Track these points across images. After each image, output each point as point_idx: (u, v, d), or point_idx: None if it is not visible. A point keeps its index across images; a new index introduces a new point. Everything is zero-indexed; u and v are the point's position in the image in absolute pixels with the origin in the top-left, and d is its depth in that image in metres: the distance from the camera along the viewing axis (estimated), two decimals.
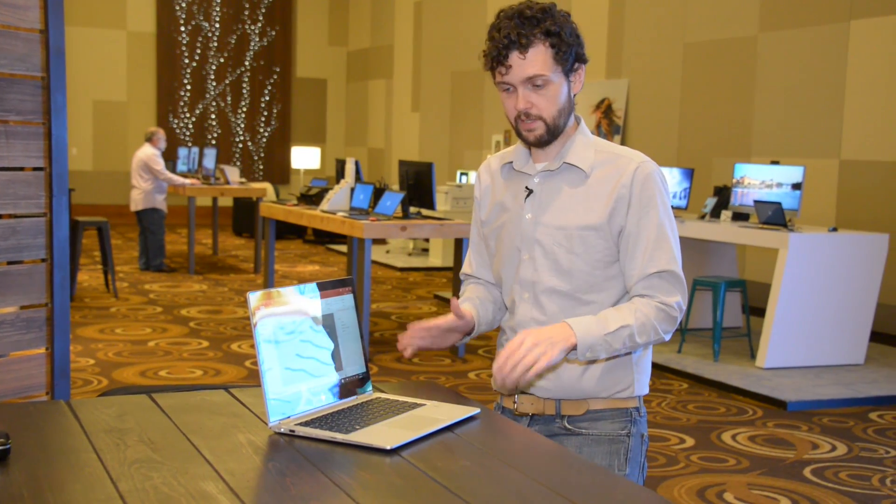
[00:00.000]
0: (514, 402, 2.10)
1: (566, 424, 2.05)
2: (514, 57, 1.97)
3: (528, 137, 2.03)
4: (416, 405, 1.84)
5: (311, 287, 1.83)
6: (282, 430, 1.67)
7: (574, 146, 2.06)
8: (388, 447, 1.59)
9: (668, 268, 2.00)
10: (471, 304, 2.16)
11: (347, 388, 1.85)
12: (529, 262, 2.08)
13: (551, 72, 1.97)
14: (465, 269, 2.30)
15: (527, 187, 2.10)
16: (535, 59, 1.96)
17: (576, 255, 2.03)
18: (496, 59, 1.99)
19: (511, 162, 2.14)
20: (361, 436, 1.63)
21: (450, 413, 1.80)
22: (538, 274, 2.07)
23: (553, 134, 2.03)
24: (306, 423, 1.68)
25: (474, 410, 1.84)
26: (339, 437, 1.62)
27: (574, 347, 1.89)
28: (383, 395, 1.90)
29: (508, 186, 2.14)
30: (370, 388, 1.92)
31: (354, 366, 1.88)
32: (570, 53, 1.99)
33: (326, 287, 1.86)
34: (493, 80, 2.04)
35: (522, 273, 2.09)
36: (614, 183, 2.01)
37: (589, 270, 2.03)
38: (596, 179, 2.03)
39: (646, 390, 2.13)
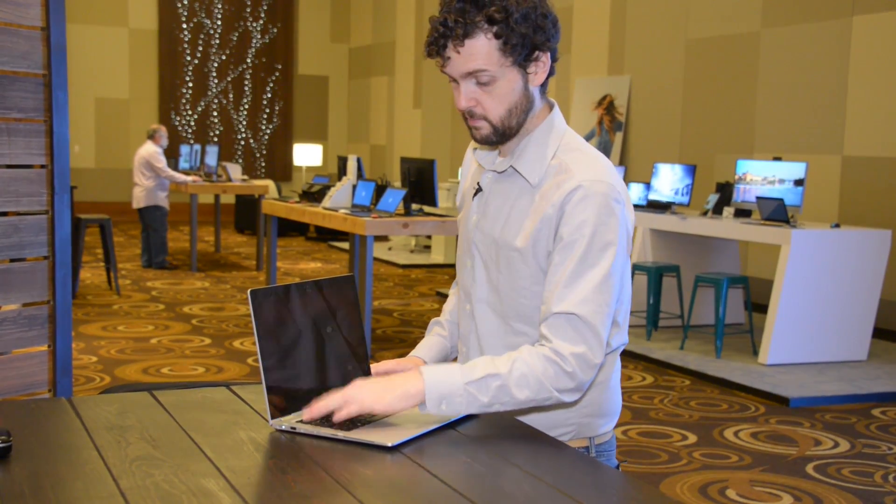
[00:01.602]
0: None
1: None
2: (451, 49, 1.69)
3: (474, 136, 1.77)
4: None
5: (313, 284, 1.83)
6: (283, 427, 1.67)
7: (528, 147, 1.78)
8: (390, 444, 1.59)
9: (575, 311, 1.66)
10: (438, 338, 1.99)
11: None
12: (470, 271, 1.87)
13: (497, 66, 1.68)
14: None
15: (478, 183, 1.87)
16: (475, 53, 1.67)
17: (501, 275, 1.79)
18: (433, 47, 1.72)
19: (477, 149, 1.90)
20: (362, 433, 1.63)
21: None
22: (476, 285, 1.85)
23: (503, 135, 1.76)
24: (307, 421, 1.68)
25: None
26: (341, 434, 1.62)
27: (422, 396, 1.65)
28: None
29: (473, 177, 1.91)
30: None
31: (356, 363, 1.88)
32: (522, 44, 1.67)
33: (328, 284, 1.85)
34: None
35: (465, 280, 1.89)
36: (548, 201, 1.73)
37: (514, 295, 1.78)
38: (540, 194, 1.75)
39: (602, 430, 1.86)
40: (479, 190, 1.86)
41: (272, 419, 1.67)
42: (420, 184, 6.59)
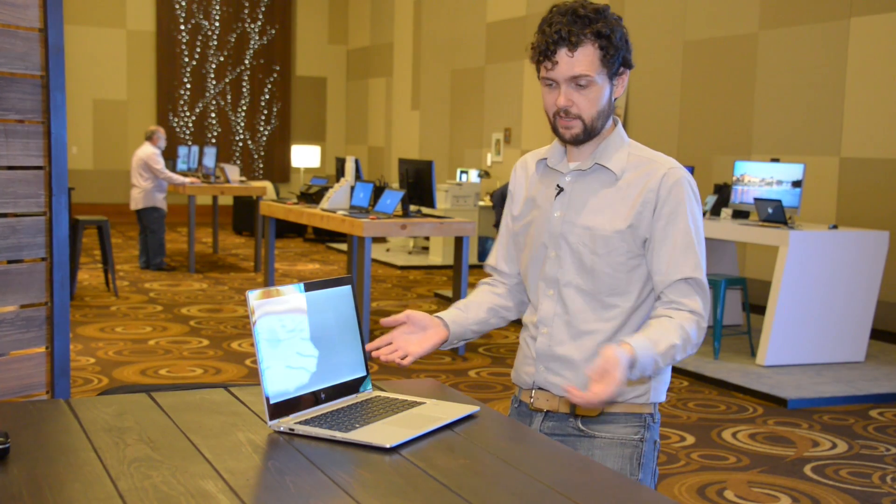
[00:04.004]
0: (531, 397, 2.11)
1: (580, 426, 2.06)
2: (563, 54, 1.97)
3: (563, 134, 2.04)
4: (415, 403, 1.84)
5: (311, 285, 1.83)
6: (281, 428, 1.67)
7: (608, 148, 2.07)
8: (388, 445, 1.59)
9: (693, 275, 2.01)
10: (455, 310, 2.17)
11: (347, 386, 1.85)
12: (555, 260, 2.09)
13: (596, 73, 1.98)
14: (490, 260, 2.31)
15: (558, 185, 2.11)
16: (583, 59, 1.97)
17: (598, 257, 2.04)
18: (544, 53, 1.99)
19: (546, 159, 2.16)
20: (361, 434, 1.63)
21: (449, 411, 1.80)
22: (563, 271, 2.08)
23: (589, 134, 2.04)
24: (306, 422, 1.68)
25: (474, 409, 1.84)
26: (339, 435, 1.62)
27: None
28: (382, 394, 1.90)
29: (541, 183, 2.16)
30: (369, 386, 1.91)
31: (354, 364, 1.88)
32: (617, 57, 1.99)
33: (326, 285, 1.85)
34: (536, 74, 2.05)
35: (548, 270, 2.10)
36: (642, 187, 2.03)
37: (611, 273, 2.04)
38: (626, 183, 2.05)
39: (662, 398, 2.13)
40: (560, 190, 2.10)
41: (270, 420, 1.67)
42: (418, 185, 6.58)
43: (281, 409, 1.69)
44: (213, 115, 15.53)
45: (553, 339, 2.10)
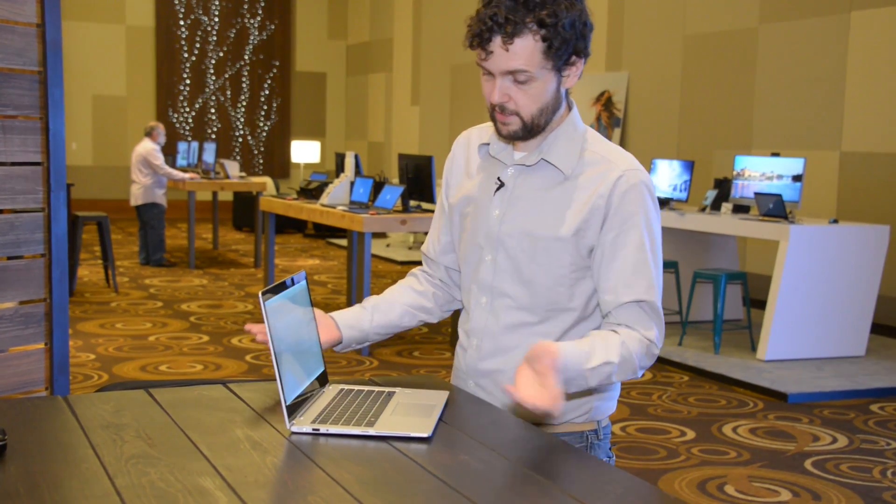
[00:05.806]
0: None
1: None
2: (497, 44, 1.70)
3: (500, 131, 1.80)
4: (390, 393, 1.81)
5: (299, 277, 1.81)
6: (304, 429, 1.63)
7: (557, 141, 1.81)
8: (427, 434, 1.59)
9: (646, 297, 1.77)
10: (359, 309, 1.99)
11: (318, 382, 1.83)
12: (491, 265, 1.86)
13: (537, 68, 1.71)
14: (427, 248, 2.05)
15: (499, 178, 1.87)
16: (520, 53, 1.70)
17: (538, 266, 1.81)
18: (477, 39, 1.72)
19: (488, 144, 1.90)
20: (394, 426, 1.62)
21: (431, 397, 1.80)
22: (498, 279, 1.85)
23: (530, 132, 1.79)
24: (321, 421, 1.65)
25: (445, 393, 1.83)
26: (372, 431, 1.61)
27: None
28: (346, 386, 1.86)
29: (481, 172, 1.92)
30: (327, 380, 1.89)
31: (318, 360, 1.85)
32: (565, 49, 1.71)
33: (287, 285, 1.78)
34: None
35: (482, 274, 1.88)
36: (592, 191, 1.78)
37: (551, 285, 1.81)
38: (574, 184, 1.80)
39: (609, 412, 1.94)
40: (501, 185, 1.86)
41: (290, 421, 1.64)
42: (418, 180, 6.58)
43: (291, 410, 1.67)
44: (212, 110, 15.52)
45: (481, 353, 1.90)
